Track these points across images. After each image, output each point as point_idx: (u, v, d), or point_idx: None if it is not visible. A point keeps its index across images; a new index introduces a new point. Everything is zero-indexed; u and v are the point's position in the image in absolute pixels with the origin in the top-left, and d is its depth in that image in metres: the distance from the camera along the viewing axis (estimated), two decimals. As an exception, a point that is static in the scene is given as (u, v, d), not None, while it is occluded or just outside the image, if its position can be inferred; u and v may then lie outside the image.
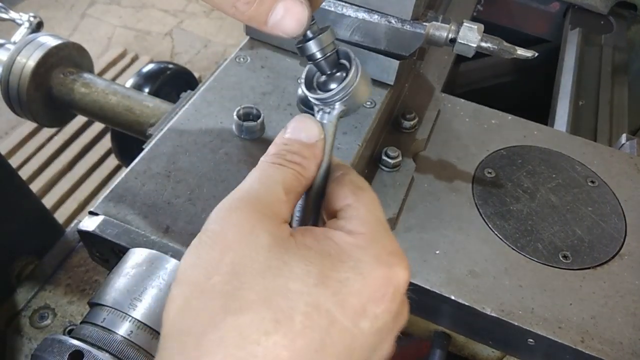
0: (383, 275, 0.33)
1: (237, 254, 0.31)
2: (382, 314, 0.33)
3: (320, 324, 0.30)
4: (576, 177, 0.82)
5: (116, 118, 1.19)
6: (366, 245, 0.34)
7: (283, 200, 0.35)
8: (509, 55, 0.60)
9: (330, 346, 0.31)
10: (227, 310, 0.30)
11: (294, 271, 0.31)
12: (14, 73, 1.14)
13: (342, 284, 0.32)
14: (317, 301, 0.31)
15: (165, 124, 0.70)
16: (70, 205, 2.01)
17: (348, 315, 0.31)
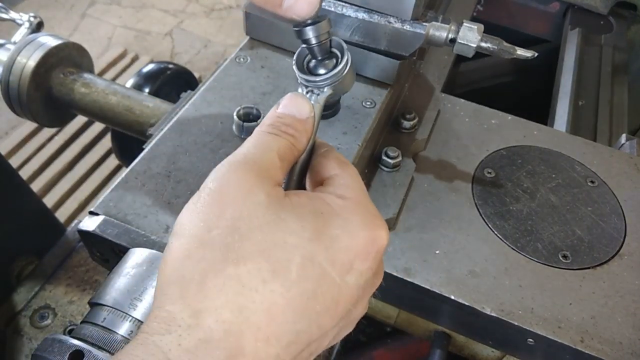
0: (369, 236, 0.36)
1: (236, 210, 0.33)
2: (366, 271, 0.37)
3: (313, 275, 0.33)
4: (576, 177, 0.82)
5: (116, 118, 1.19)
6: (354, 207, 0.37)
7: (278, 165, 0.37)
8: (508, 56, 0.60)
9: (320, 295, 0.33)
10: (228, 260, 0.32)
11: (290, 226, 0.33)
12: (14, 73, 1.14)
13: (333, 240, 0.35)
14: (311, 254, 0.33)
15: (166, 124, 0.70)
16: (70, 205, 2.01)
17: (337, 269, 0.34)
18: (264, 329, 0.31)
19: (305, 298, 0.33)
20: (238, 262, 0.32)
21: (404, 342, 0.98)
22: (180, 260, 0.33)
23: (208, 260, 0.32)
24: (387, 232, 0.38)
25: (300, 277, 0.33)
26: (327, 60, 0.46)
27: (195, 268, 0.32)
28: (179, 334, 0.30)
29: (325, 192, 0.39)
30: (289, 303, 0.32)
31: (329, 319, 0.35)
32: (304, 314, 0.33)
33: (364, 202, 0.38)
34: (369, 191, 0.74)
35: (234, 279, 0.31)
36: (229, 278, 0.31)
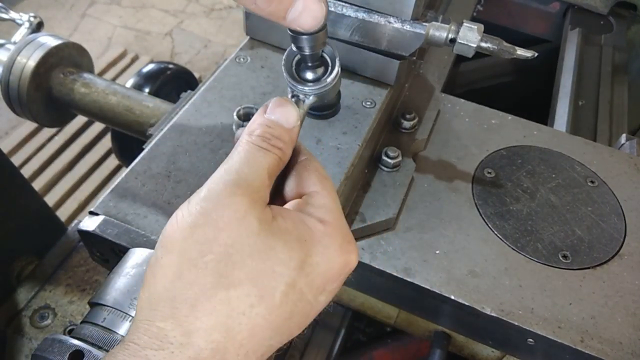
0: (343, 261, 0.40)
1: (230, 236, 0.35)
2: (335, 289, 0.41)
3: (293, 299, 0.37)
4: (576, 177, 0.82)
5: (116, 118, 1.19)
6: (332, 233, 0.40)
7: (267, 184, 0.39)
8: (508, 56, 0.60)
9: (296, 315, 0.37)
10: (219, 286, 0.34)
11: (278, 256, 0.36)
12: (14, 73, 1.14)
13: (313, 267, 0.38)
14: (294, 281, 0.37)
15: (166, 124, 0.70)
16: (70, 205, 2.01)
17: (313, 291, 0.38)
18: (245, 345, 0.35)
19: (284, 319, 0.37)
20: (229, 287, 0.34)
21: (404, 342, 0.98)
22: (172, 280, 0.35)
23: (200, 284, 0.34)
24: (357, 255, 0.42)
25: (282, 302, 0.36)
26: (317, 67, 0.46)
27: (188, 290, 0.34)
28: (171, 351, 0.33)
29: (306, 214, 0.41)
30: (270, 324, 0.36)
31: (298, 330, 0.39)
32: (281, 331, 0.37)
33: (341, 226, 0.41)
34: (369, 191, 0.74)
35: (224, 303, 0.34)
36: (219, 302, 0.34)
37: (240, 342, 0.34)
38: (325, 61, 0.47)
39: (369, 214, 0.71)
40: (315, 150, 0.65)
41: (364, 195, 0.73)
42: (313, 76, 0.46)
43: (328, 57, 0.47)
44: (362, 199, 0.73)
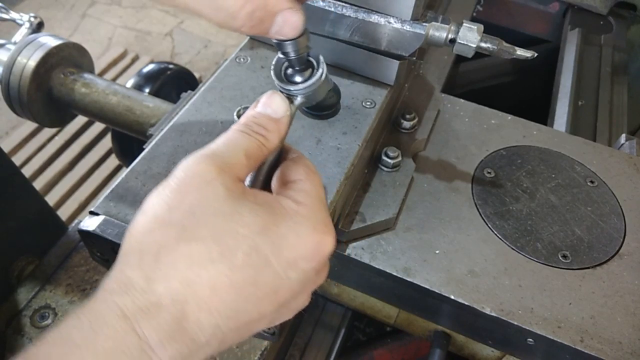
0: (316, 240, 0.40)
1: (196, 197, 0.37)
2: (309, 270, 0.41)
3: (257, 263, 0.37)
4: (576, 177, 0.82)
5: (116, 118, 1.19)
6: (306, 213, 0.41)
7: (243, 163, 0.41)
8: (508, 56, 0.60)
9: (262, 283, 0.38)
10: (182, 239, 0.36)
11: (243, 219, 0.38)
12: (14, 73, 1.14)
13: (280, 238, 0.39)
14: (258, 246, 0.37)
15: (166, 124, 0.70)
16: (71, 205, 2.01)
17: (281, 263, 0.38)
18: (207, 301, 0.36)
19: (247, 283, 0.37)
20: (190, 242, 0.36)
21: (403, 341, 0.98)
22: (142, 234, 0.37)
23: (165, 237, 0.36)
24: (334, 239, 0.42)
25: (245, 263, 0.37)
26: (304, 70, 0.50)
27: (154, 242, 0.36)
28: (134, 295, 0.35)
29: (284, 196, 0.42)
30: (231, 284, 0.36)
31: (268, 305, 0.39)
32: (245, 297, 0.37)
33: (317, 210, 0.42)
34: (369, 191, 0.74)
35: (186, 255, 0.36)
36: (181, 255, 0.36)
37: (201, 296, 0.35)
38: (311, 64, 0.50)
39: (369, 214, 0.71)
40: (315, 150, 0.65)
41: (364, 195, 0.73)
42: (301, 78, 0.50)
43: (314, 60, 0.50)
44: (362, 199, 0.73)
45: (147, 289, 0.35)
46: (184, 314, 0.35)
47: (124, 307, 0.34)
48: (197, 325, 0.35)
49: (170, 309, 0.35)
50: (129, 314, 0.34)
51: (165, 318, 0.35)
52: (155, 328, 0.34)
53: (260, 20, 0.43)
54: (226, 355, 0.77)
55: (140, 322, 0.34)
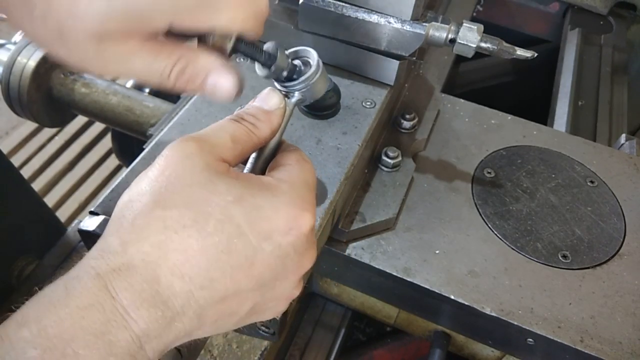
0: (292, 214, 0.40)
1: (174, 169, 0.39)
2: (286, 245, 0.40)
3: (229, 231, 0.37)
4: (576, 177, 0.82)
5: (117, 118, 1.19)
6: (285, 188, 0.41)
7: (228, 146, 0.42)
8: (508, 56, 0.60)
9: (234, 252, 0.37)
10: (156, 206, 0.37)
11: (217, 189, 0.38)
12: (14, 73, 1.14)
13: (255, 208, 0.39)
14: (231, 214, 0.38)
15: (166, 124, 0.70)
16: (71, 205, 2.01)
17: (254, 233, 0.38)
18: (179, 266, 0.36)
19: (219, 250, 0.37)
20: (165, 208, 0.37)
21: (403, 341, 0.98)
22: (124, 203, 0.39)
23: (141, 203, 0.38)
24: (313, 216, 0.42)
25: (217, 230, 0.37)
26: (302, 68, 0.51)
27: (131, 210, 0.38)
28: (108, 258, 0.36)
29: (267, 175, 0.43)
30: (203, 250, 0.36)
31: (244, 277, 0.38)
32: (217, 264, 0.37)
33: (298, 187, 0.42)
34: (369, 191, 0.74)
35: (159, 219, 0.37)
36: (154, 218, 0.37)
37: (174, 261, 0.36)
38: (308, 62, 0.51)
39: (369, 214, 0.71)
40: (315, 150, 0.65)
41: (364, 195, 0.73)
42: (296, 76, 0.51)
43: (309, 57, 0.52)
44: (362, 199, 0.73)
45: (120, 251, 0.36)
46: (156, 276, 0.35)
47: (98, 268, 0.35)
48: (170, 290, 0.36)
49: (141, 271, 0.35)
50: (102, 273, 0.35)
51: (137, 279, 0.35)
52: (127, 288, 0.35)
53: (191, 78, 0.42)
54: (226, 355, 0.77)
55: (112, 282, 0.35)
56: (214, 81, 0.43)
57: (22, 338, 0.32)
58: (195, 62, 0.42)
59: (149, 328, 0.35)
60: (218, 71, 0.43)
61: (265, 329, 0.56)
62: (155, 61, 0.40)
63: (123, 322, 0.34)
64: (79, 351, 0.32)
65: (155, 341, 0.35)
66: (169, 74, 0.41)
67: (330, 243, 0.71)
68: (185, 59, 0.41)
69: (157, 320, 0.35)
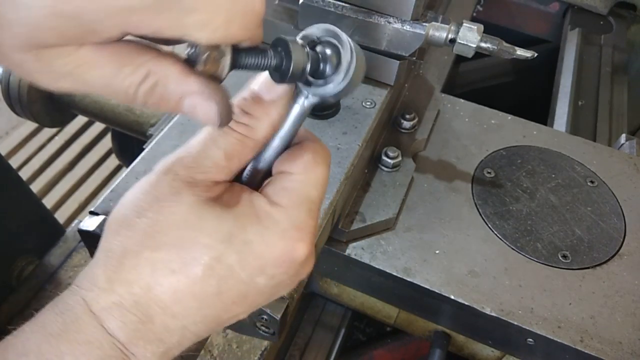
0: (285, 248, 0.38)
1: (163, 205, 0.37)
2: (280, 275, 0.38)
3: (219, 274, 0.36)
4: (576, 177, 0.82)
5: (117, 118, 1.19)
6: (279, 218, 0.38)
7: (222, 165, 0.38)
8: (508, 56, 0.60)
9: (226, 291, 0.36)
10: (146, 246, 0.36)
11: (205, 226, 0.36)
12: (14, 73, 1.14)
13: (246, 245, 0.37)
14: (221, 255, 0.36)
15: (166, 124, 0.70)
16: (70, 205, 2.01)
17: (246, 271, 0.37)
18: (170, 307, 0.35)
19: (209, 294, 0.36)
20: (154, 250, 0.35)
21: (403, 341, 0.98)
22: (111, 234, 0.37)
23: (130, 242, 0.36)
24: (308, 246, 0.39)
25: (206, 275, 0.36)
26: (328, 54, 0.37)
27: (119, 244, 0.36)
28: (97, 294, 0.35)
29: (263, 193, 0.39)
30: (194, 295, 0.36)
31: (238, 308, 0.38)
32: (209, 304, 0.36)
33: (296, 212, 0.38)
34: (369, 191, 0.74)
35: (148, 263, 0.35)
36: (144, 260, 0.35)
37: (164, 302, 0.35)
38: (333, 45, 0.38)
39: (369, 214, 0.71)
40: (315, 150, 0.65)
41: (364, 195, 0.73)
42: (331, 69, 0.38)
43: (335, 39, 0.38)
44: (362, 199, 0.73)
45: (108, 289, 0.35)
46: (149, 317, 0.35)
47: (90, 303, 0.35)
48: (164, 328, 0.36)
49: (134, 311, 0.35)
50: (95, 310, 0.34)
51: (130, 319, 0.35)
52: (122, 327, 0.34)
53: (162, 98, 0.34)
54: (226, 355, 0.77)
55: (107, 320, 0.34)
56: (192, 103, 0.35)
57: None
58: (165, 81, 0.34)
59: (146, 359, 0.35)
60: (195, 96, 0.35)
61: (265, 329, 0.56)
62: (117, 76, 0.32)
63: (123, 356, 0.34)
64: None
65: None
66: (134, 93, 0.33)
67: (330, 243, 0.71)
68: (154, 76, 0.33)
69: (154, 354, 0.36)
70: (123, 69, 0.32)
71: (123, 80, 0.33)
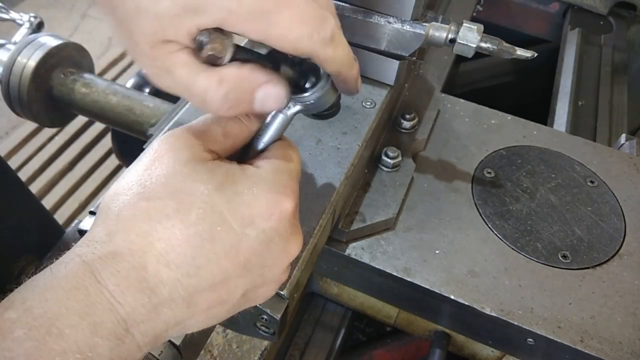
0: (272, 199, 0.41)
1: (160, 162, 0.40)
2: (269, 230, 0.41)
3: (212, 219, 0.38)
4: (576, 177, 0.82)
5: (117, 118, 1.19)
6: (265, 175, 0.42)
7: (219, 140, 0.43)
8: (508, 56, 0.60)
9: (218, 239, 0.38)
10: (141, 198, 0.38)
11: (199, 177, 0.39)
12: (14, 73, 1.14)
13: (236, 195, 0.39)
14: (213, 202, 0.38)
15: (166, 124, 0.70)
16: (70, 205, 2.01)
17: (237, 220, 0.39)
18: (164, 255, 0.37)
19: (202, 238, 0.38)
20: (149, 199, 0.38)
21: (403, 341, 0.98)
22: (110, 196, 0.40)
23: (127, 196, 0.39)
24: (293, 201, 0.42)
25: (199, 219, 0.38)
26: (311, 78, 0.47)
27: (117, 202, 0.39)
28: (94, 247, 0.37)
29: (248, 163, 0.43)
30: (187, 239, 0.37)
31: (230, 264, 0.39)
32: (202, 252, 0.38)
33: (279, 174, 0.42)
34: (369, 191, 0.74)
35: (144, 212, 0.37)
36: (139, 210, 0.38)
37: (159, 250, 0.37)
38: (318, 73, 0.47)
39: (369, 214, 0.71)
40: (315, 150, 0.65)
41: (364, 195, 0.73)
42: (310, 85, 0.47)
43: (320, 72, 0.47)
44: (362, 199, 0.73)
45: (107, 241, 0.37)
46: (143, 264, 0.36)
47: (84, 256, 0.36)
48: (157, 277, 0.36)
49: (128, 258, 0.36)
50: (88, 260, 0.36)
51: (123, 266, 0.36)
52: (114, 274, 0.35)
53: (237, 101, 0.41)
54: (226, 355, 0.77)
55: (98, 268, 0.35)
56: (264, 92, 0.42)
57: (8, 319, 0.33)
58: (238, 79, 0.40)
59: (135, 312, 0.35)
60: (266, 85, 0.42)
61: (265, 329, 0.56)
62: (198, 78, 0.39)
63: (108, 305, 0.34)
64: (65, 330, 0.33)
65: (143, 326, 0.36)
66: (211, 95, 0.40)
67: (330, 243, 0.71)
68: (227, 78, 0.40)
69: (144, 305, 0.36)
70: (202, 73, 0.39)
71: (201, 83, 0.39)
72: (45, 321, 0.33)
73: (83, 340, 0.33)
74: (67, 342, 0.32)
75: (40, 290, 0.34)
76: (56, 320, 0.33)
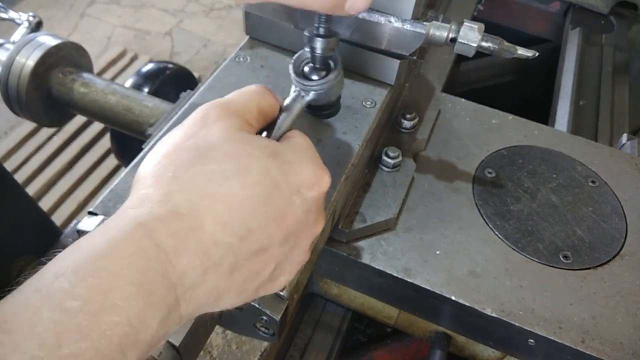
0: (317, 171, 0.44)
1: (213, 128, 0.41)
2: (310, 200, 0.43)
3: (268, 182, 0.40)
4: (577, 177, 0.82)
5: (115, 118, 1.19)
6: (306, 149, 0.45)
7: (254, 115, 0.45)
8: (509, 55, 0.60)
9: (272, 203, 0.40)
10: (197, 162, 0.38)
11: (254, 144, 0.41)
12: (13, 73, 1.14)
13: (287, 163, 0.42)
14: (268, 167, 0.40)
15: (165, 123, 0.70)
16: (69, 205, 2.00)
17: (287, 186, 0.41)
18: (222, 215, 0.37)
19: (259, 201, 0.39)
20: (207, 162, 0.38)
21: (404, 342, 0.98)
22: (160, 159, 0.39)
23: (182, 159, 0.39)
24: (330, 178, 0.45)
25: (257, 181, 0.39)
26: (321, 70, 0.53)
27: (171, 164, 0.39)
28: (151, 206, 0.36)
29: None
30: (245, 200, 0.38)
31: (276, 230, 0.40)
32: (257, 215, 0.39)
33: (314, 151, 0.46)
34: (369, 191, 0.73)
35: (202, 173, 0.38)
36: (197, 172, 0.38)
37: (217, 211, 0.37)
38: (329, 67, 0.53)
39: (369, 214, 0.71)
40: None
41: (364, 195, 0.73)
42: (316, 77, 0.53)
43: (333, 62, 0.54)
44: (362, 199, 0.72)
45: (165, 200, 0.36)
46: (201, 224, 0.36)
47: (140, 217, 0.35)
48: (212, 239, 0.36)
49: (187, 219, 0.36)
50: (144, 221, 0.35)
51: (182, 226, 0.35)
52: (172, 235, 0.35)
53: None
54: (226, 356, 0.77)
55: (157, 229, 0.34)
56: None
57: (60, 289, 0.31)
58: None
59: (185, 276, 0.35)
60: None
61: (265, 330, 0.55)
62: None
63: (162, 268, 0.34)
64: (118, 302, 0.31)
65: (189, 293, 0.35)
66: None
67: (330, 243, 0.71)
68: None
69: (195, 269, 0.35)
70: None
71: None
72: (99, 293, 0.31)
73: (135, 312, 0.32)
74: (119, 314, 0.31)
75: (93, 259, 0.33)
76: (110, 292, 0.31)
